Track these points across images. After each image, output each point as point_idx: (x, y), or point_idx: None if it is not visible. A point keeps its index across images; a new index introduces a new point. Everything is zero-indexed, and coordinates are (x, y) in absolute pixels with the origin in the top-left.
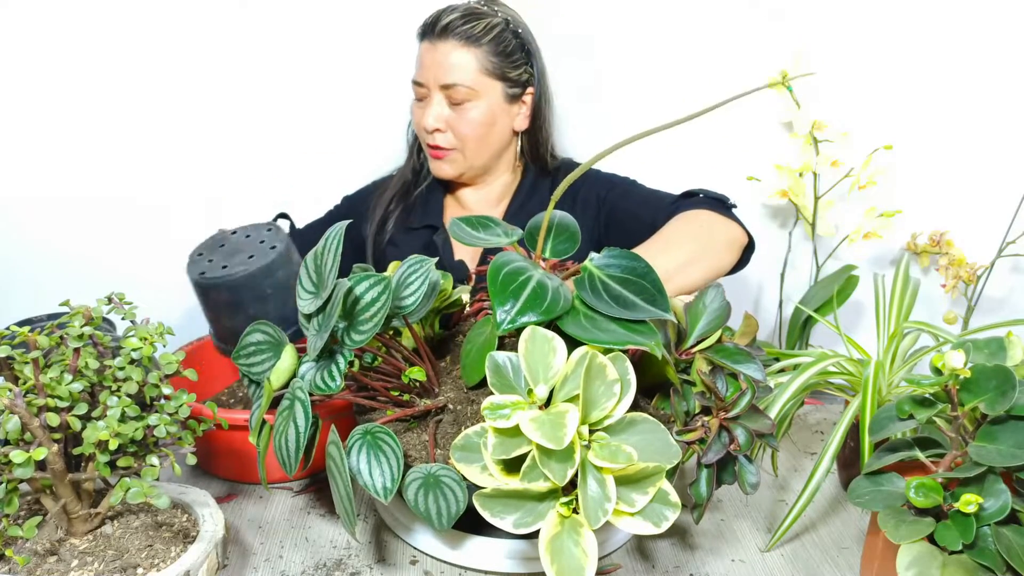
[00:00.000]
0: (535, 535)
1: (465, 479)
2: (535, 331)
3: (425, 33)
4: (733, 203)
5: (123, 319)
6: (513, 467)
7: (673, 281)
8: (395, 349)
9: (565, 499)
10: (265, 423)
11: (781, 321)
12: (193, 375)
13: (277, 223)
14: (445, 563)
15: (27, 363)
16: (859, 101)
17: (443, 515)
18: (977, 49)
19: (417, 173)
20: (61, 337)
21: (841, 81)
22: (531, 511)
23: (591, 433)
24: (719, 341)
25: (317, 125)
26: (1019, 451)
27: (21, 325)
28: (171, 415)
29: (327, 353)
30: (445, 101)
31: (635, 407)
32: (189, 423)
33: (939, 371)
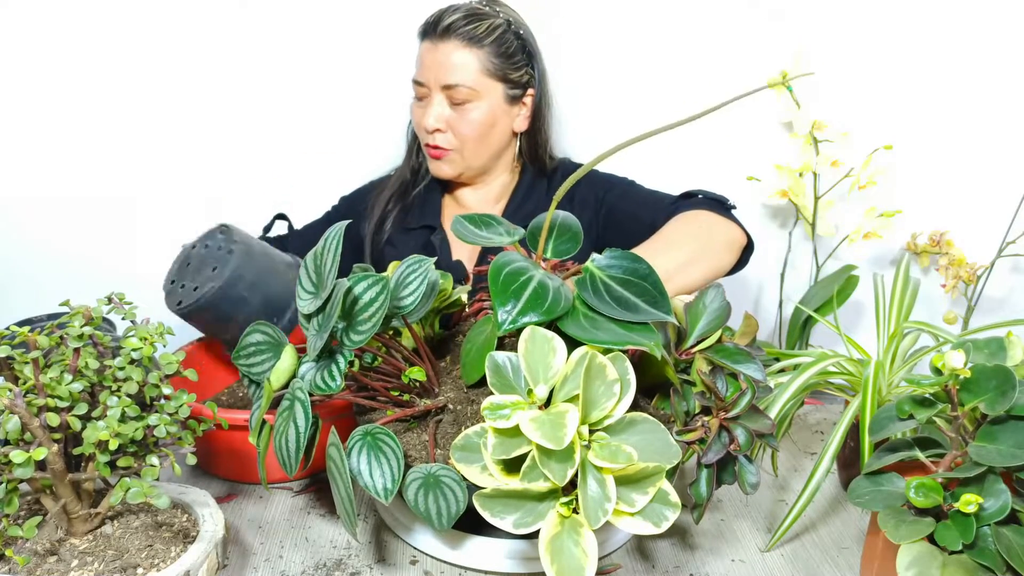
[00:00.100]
0: (535, 535)
1: (465, 479)
2: (535, 331)
3: (426, 32)
4: (732, 204)
5: (123, 319)
6: (513, 467)
7: (673, 281)
8: (395, 349)
9: (565, 499)
10: (265, 423)
11: (781, 321)
12: (193, 375)
13: (228, 224)
14: (445, 563)
15: (27, 363)
16: (859, 101)
17: (443, 515)
18: (977, 49)
19: (416, 173)
20: (61, 337)
21: (841, 81)
22: (531, 511)
23: (591, 433)
24: (719, 341)
25: (316, 125)
26: (1019, 451)
27: (21, 325)
28: (171, 415)
29: (327, 353)
30: (446, 101)
31: (635, 407)
32: (189, 423)
33: (939, 371)
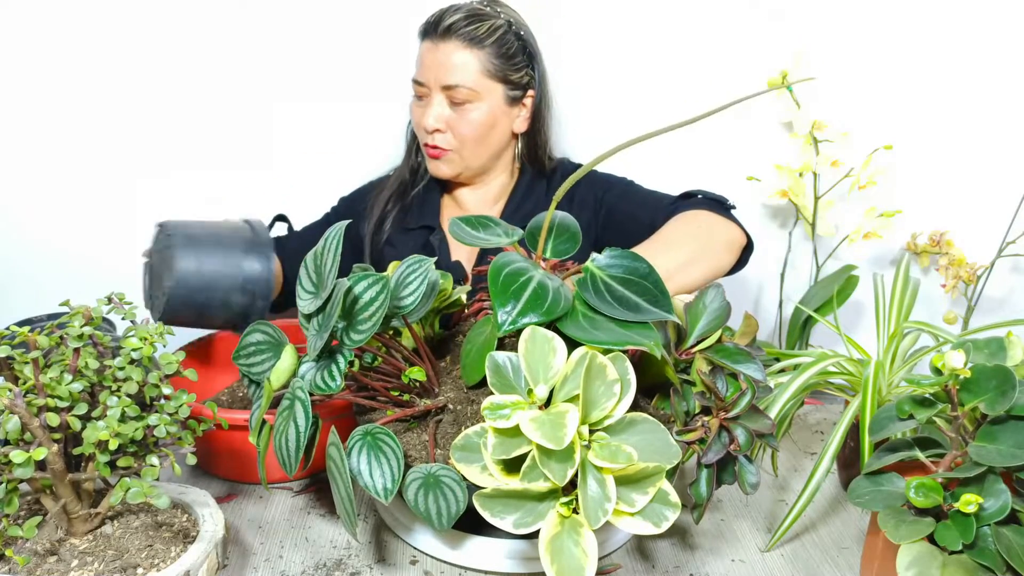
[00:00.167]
0: (535, 535)
1: (465, 479)
2: (535, 331)
3: (427, 32)
4: (732, 204)
5: (123, 319)
6: (513, 467)
7: (673, 281)
8: (395, 349)
9: (565, 499)
10: (265, 423)
11: (781, 321)
12: (193, 375)
13: (162, 221)
14: (445, 563)
15: (27, 363)
16: (859, 101)
17: (443, 515)
18: (977, 49)
19: (415, 173)
20: (61, 337)
21: (841, 81)
22: (531, 511)
23: (591, 433)
24: (719, 341)
25: (316, 125)
26: (1019, 451)
27: (21, 325)
28: (171, 415)
29: (327, 353)
30: (446, 101)
31: (635, 407)
32: (189, 423)
33: (939, 371)
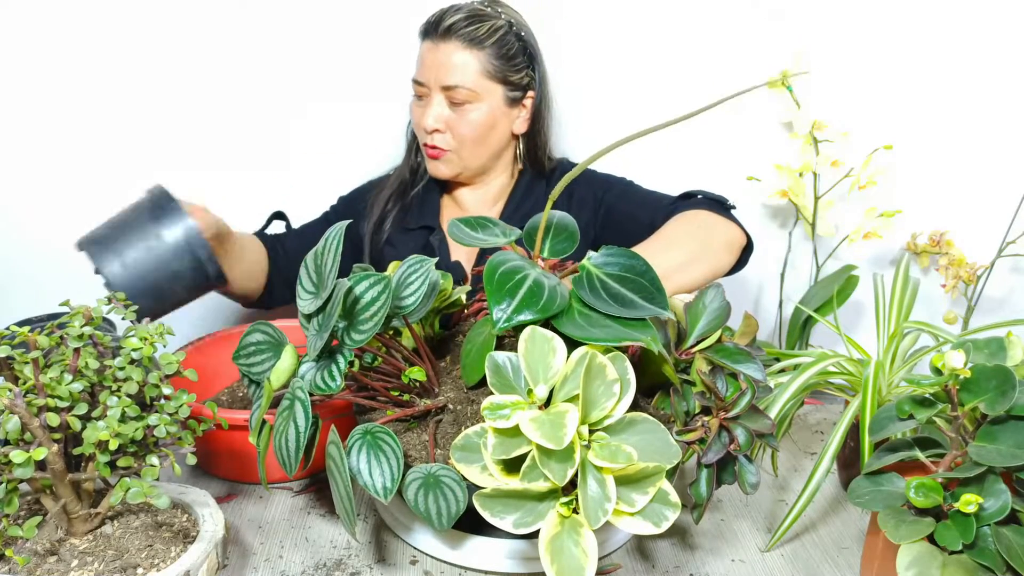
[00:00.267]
0: (535, 535)
1: (465, 479)
2: (535, 331)
3: (428, 32)
4: (732, 204)
5: (123, 319)
6: (513, 467)
7: (672, 280)
8: (395, 349)
9: (565, 499)
10: (265, 423)
11: (781, 321)
12: (193, 375)
13: (79, 238)
14: (445, 563)
15: (27, 363)
16: (859, 101)
17: (443, 515)
18: (977, 49)
19: (415, 172)
20: (61, 337)
21: (841, 81)
22: (531, 511)
23: (591, 433)
24: (719, 341)
25: (316, 124)
26: (1019, 451)
27: (21, 325)
28: (171, 415)
29: (327, 353)
30: (445, 102)
31: (635, 407)
32: (189, 423)
33: (939, 371)
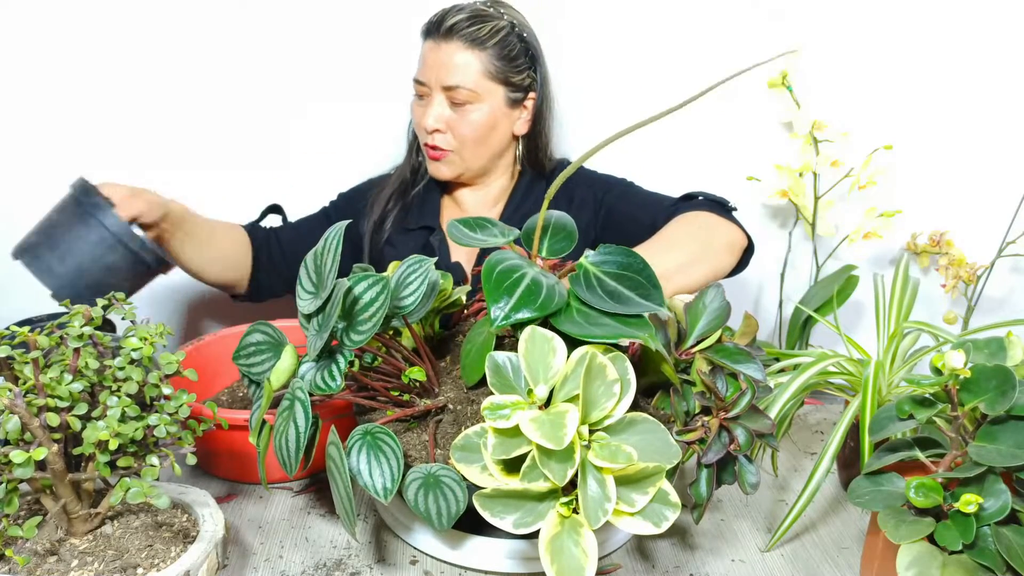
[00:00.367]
0: (535, 535)
1: (465, 479)
2: (535, 331)
3: (430, 32)
4: (733, 206)
5: (123, 319)
6: (513, 467)
7: (673, 281)
8: (395, 349)
9: (565, 499)
10: (265, 423)
11: (781, 321)
12: (193, 375)
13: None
14: (445, 563)
15: (27, 363)
16: (859, 101)
17: (443, 515)
18: (977, 49)
19: (416, 172)
20: (61, 337)
21: (841, 81)
22: (531, 511)
23: (591, 433)
24: (719, 341)
25: (318, 124)
26: (1019, 451)
27: (21, 325)
28: (171, 415)
29: (327, 353)
30: (446, 102)
31: (635, 407)
32: (189, 423)
33: (939, 371)
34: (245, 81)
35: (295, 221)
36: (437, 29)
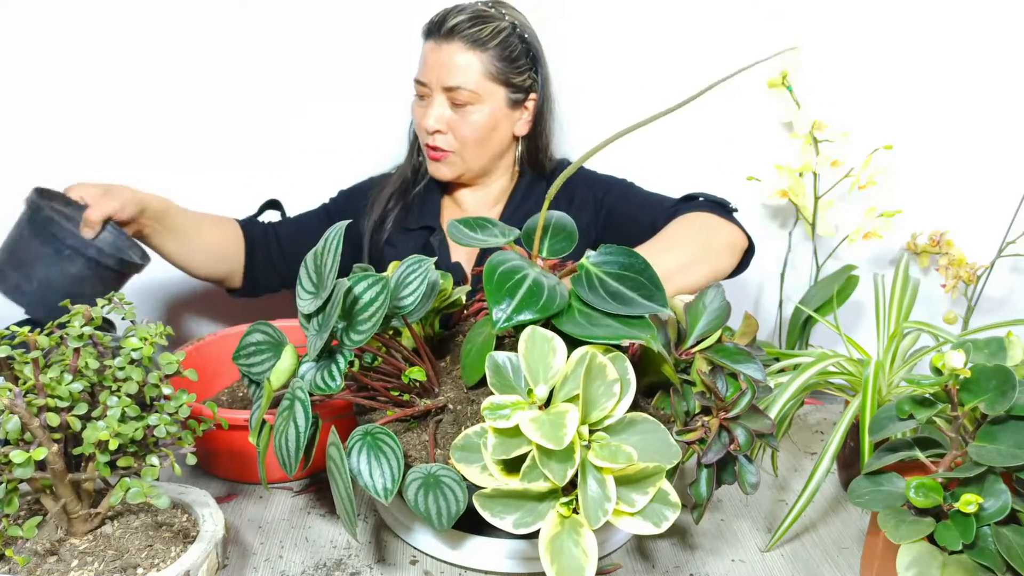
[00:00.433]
0: (535, 535)
1: (465, 479)
2: (535, 331)
3: (430, 32)
4: (734, 207)
5: (123, 319)
6: (513, 467)
7: (673, 281)
8: (395, 349)
9: (565, 499)
10: (265, 423)
11: (781, 321)
12: (193, 375)
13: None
14: (445, 563)
15: (27, 363)
16: (859, 101)
17: (443, 515)
18: (977, 49)
19: (416, 172)
20: (61, 337)
21: (841, 81)
22: (531, 511)
23: (591, 433)
24: (719, 341)
25: (319, 125)
26: (1019, 451)
27: (21, 325)
28: (171, 415)
29: (327, 353)
30: (447, 103)
31: (635, 407)
32: (189, 423)
33: (939, 371)
34: (245, 81)
35: (294, 216)
36: (438, 30)
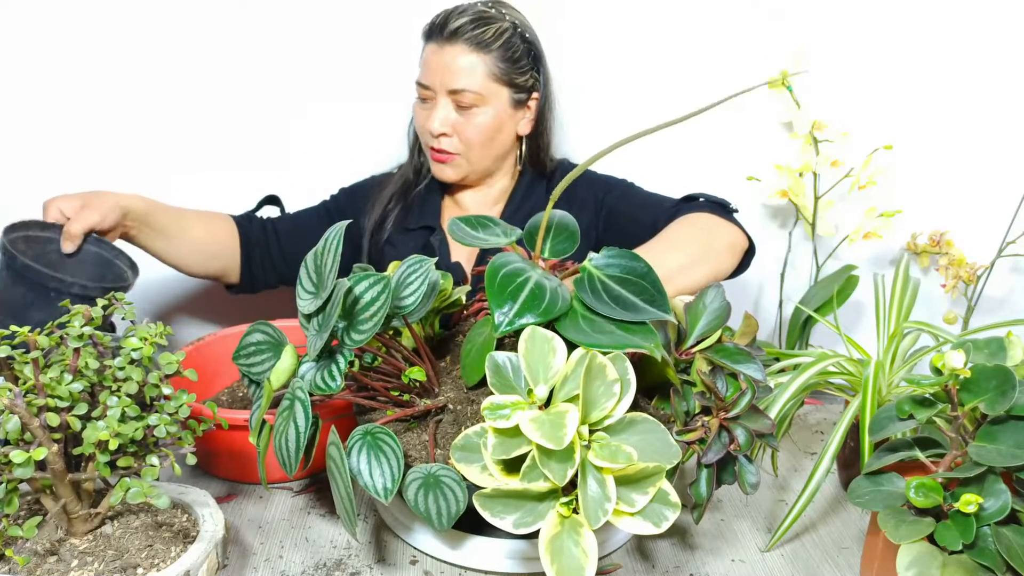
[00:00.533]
0: (535, 535)
1: (465, 479)
2: (535, 331)
3: (432, 34)
4: (734, 207)
5: (123, 319)
6: (513, 467)
7: (674, 282)
8: (395, 349)
9: (565, 499)
10: (265, 423)
11: (781, 321)
12: (193, 375)
13: None
14: (445, 563)
15: (27, 363)
16: (859, 101)
17: (443, 515)
18: (977, 49)
19: (417, 173)
20: (61, 337)
21: (841, 81)
22: (531, 511)
23: (591, 433)
24: (719, 341)
25: (316, 125)
26: (1019, 451)
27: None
28: (171, 415)
29: (327, 353)
30: (451, 105)
31: (635, 407)
32: (189, 423)
33: (939, 371)
34: (245, 81)
35: (293, 213)
36: (440, 32)
